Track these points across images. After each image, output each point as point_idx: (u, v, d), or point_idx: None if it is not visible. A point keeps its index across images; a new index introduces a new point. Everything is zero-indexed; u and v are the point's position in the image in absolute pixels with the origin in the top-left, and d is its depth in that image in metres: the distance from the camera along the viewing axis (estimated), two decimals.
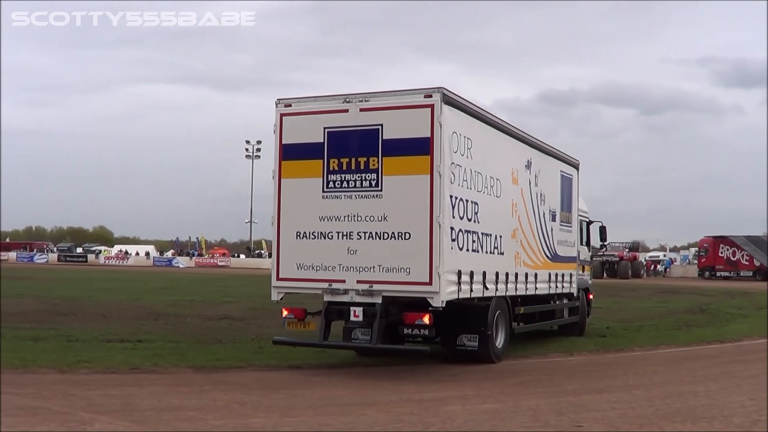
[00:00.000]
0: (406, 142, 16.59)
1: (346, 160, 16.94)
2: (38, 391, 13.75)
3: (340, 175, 16.95)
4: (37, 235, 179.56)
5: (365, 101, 16.98)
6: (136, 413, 12.14)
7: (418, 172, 16.39)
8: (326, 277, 17.05)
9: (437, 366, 17.81)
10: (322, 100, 17.52)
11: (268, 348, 20.12)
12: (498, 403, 13.51)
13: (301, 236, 17.33)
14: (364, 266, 16.74)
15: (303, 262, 17.36)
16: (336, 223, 16.98)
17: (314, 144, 17.17)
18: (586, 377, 16.73)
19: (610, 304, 39.90)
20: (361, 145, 16.86)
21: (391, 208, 16.56)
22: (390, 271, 16.53)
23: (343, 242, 16.91)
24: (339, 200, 16.96)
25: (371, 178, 16.71)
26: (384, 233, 16.61)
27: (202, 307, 33.82)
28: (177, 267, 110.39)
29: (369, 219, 16.73)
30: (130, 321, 27.17)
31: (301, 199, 17.38)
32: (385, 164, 16.63)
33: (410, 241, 16.39)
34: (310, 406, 13.11)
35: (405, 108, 16.73)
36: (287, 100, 17.73)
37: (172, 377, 15.72)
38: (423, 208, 16.30)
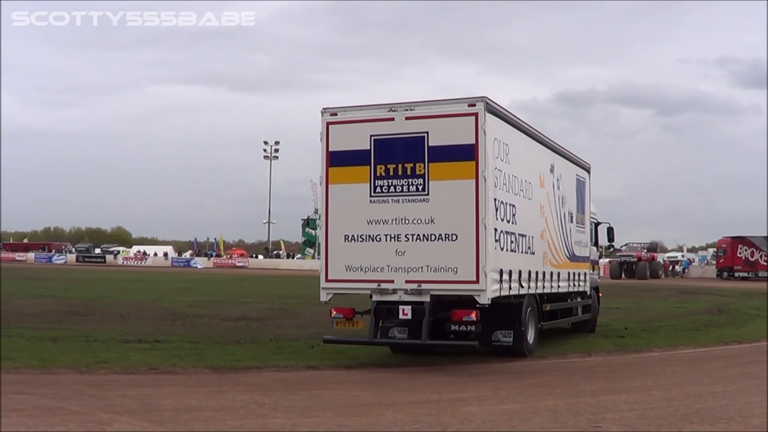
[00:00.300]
0: (451, 148, 17.44)
1: (393, 166, 17.79)
2: (57, 391, 13.80)
3: (387, 180, 17.80)
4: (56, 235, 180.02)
5: (410, 110, 17.82)
6: (155, 414, 12.17)
7: (464, 176, 17.28)
8: (375, 278, 17.84)
9: (455, 367, 17.83)
10: (367, 109, 18.35)
11: (286, 348, 20.22)
12: (516, 403, 13.49)
13: (350, 239, 18.13)
14: (412, 267, 17.55)
15: (351, 264, 18.13)
16: (384, 226, 17.80)
17: (361, 151, 18.03)
18: (605, 378, 16.69)
19: (629, 304, 39.84)
20: (408, 152, 17.71)
21: (437, 211, 17.41)
22: (438, 270, 17.35)
23: (391, 244, 17.75)
24: (387, 204, 17.79)
25: (418, 183, 17.56)
26: (431, 235, 17.44)
27: (220, 308, 33.87)
28: (195, 268, 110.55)
29: (416, 222, 17.57)
30: (148, 321, 27.24)
31: (349, 203, 18.19)
32: (432, 170, 17.48)
33: (457, 242, 17.24)
34: (328, 407, 13.12)
35: (450, 116, 17.58)
36: (333, 109, 18.57)
37: (191, 378, 15.75)
38: (469, 210, 17.19)
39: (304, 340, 21.97)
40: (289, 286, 54.87)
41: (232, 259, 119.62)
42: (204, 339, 21.92)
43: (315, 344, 21.04)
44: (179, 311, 31.48)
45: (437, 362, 18.28)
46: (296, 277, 75.80)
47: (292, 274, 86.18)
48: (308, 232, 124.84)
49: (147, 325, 25.93)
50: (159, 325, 26.08)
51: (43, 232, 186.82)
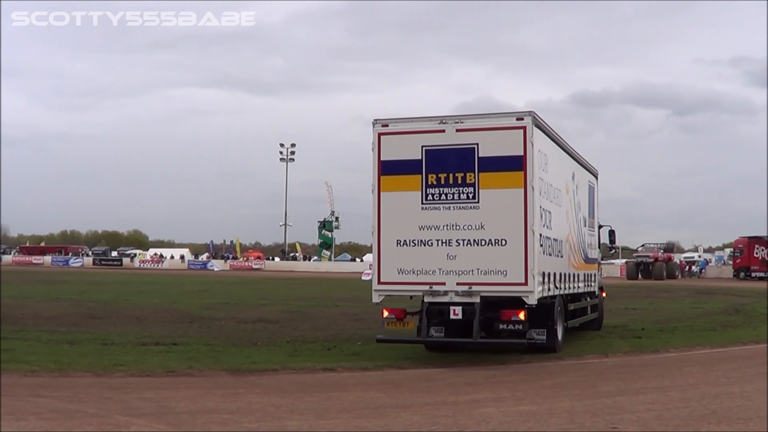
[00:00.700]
0: (501, 159, 18.64)
1: (444, 175, 18.88)
2: (74, 394, 13.85)
3: (438, 188, 18.89)
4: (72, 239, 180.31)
5: (461, 122, 19.01)
6: (172, 416, 12.19)
7: (513, 185, 18.50)
8: (427, 280, 18.88)
9: (471, 369, 17.83)
10: (418, 121, 19.52)
11: (302, 351, 20.24)
12: (533, 404, 13.47)
13: (402, 244, 19.16)
14: (463, 270, 18.66)
15: (403, 267, 19.14)
16: (435, 231, 18.87)
17: (412, 161, 19.10)
18: (622, 379, 16.65)
19: (645, 305, 39.77)
20: (459, 162, 18.82)
21: (487, 218, 18.58)
22: (488, 273, 18.54)
23: (442, 249, 18.79)
24: (438, 211, 18.87)
25: (468, 192, 18.72)
26: (481, 240, 18.63)
27: (236, 310, 33.95)
28: (212, 270, 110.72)
29: (467, 228, 18.69)
30: (165, 324, 27.30)
31: (401, 210, 19.21)
32: (482, 179, 18.66)
33: (506, 247, 18.46)
34: (344, 409, 13.13)
35: (499, 129, 18.84)
36: (384, 120, 19.63)
37: (208, 380, 15.77)
38: (518, 217, 18.42)
39: (320, 342, 21.98)
40: (305, 289, 54.96)
41: (249, 261, 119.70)
42: (221, 341, 21.96)
43: (331, 346, 21.09)
44: (196, 314, 31.55)
45: (453, 363, 18.28)
46: (313, 279, 75.90)
47: (309, 277, 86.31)
48: (324, 234, 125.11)
49: (164, 327, 26.00)
50: (176, 327, 26.15)
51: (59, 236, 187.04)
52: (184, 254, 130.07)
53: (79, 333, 23.34)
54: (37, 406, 12.72)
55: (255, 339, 22.71)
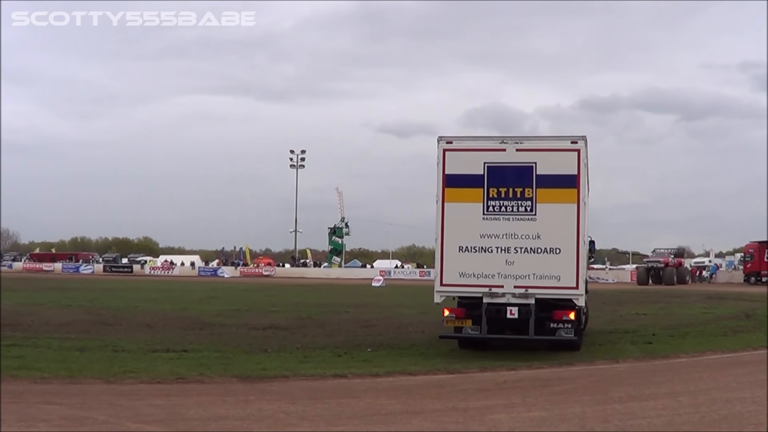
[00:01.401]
0: (556, 177, 20.88)
1: (504, 189, 20.97)
2: (84, 401, 13.85)
3: (498, 201, 20.97)
4: (83, 246, 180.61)
5: (520, 143, 21.23)
6: (182, 423, 12.21)
7: (567, 201, 20.81)
8: (486, 283, 20.86)
9: (482, 375, 17.82)
10: (480, 140, 22.08)
11: (313, 357, 20.26)
12: (543, 410, 13.46)
13: (463, 250, 21.08)
14: (520, 274, 20.75)
15: (465, 271, 21.04)
16: (495, 239, 20.92)
17: (475, 175, 21.05)
18: (632, 384, 16.61)
19: (656, 310, 39.70)
20: (518, 178, 20.96)
21: (543, 229, 20.78)
22: (542, 278, 20.71)
23: (501, 255, 20.89)
24: (498, 221, 20.95)
25: (526, 205, 20.85)
26: (537, 248, 20.79)
27: (247, 317, 33.97)
28: (222, 277, 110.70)
29: (524, 237, 20.82)
30: (175, 331, 27.31)
31: (463, 219, 21.12)
32: (539, 194, 20.83)
33: (560, 255, 20.70)
34: (355, 415, 13.14)
35: (555, 150, 21.20)
36: (448, 137, 21.55)
37: (218, 387, 15.78)
38: (571, 229, 20.77)
39: (331, 349, 21.99)
40: (315, 295, 54.97)
41: (259, 268, 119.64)
42: (231, 348, 21.98)
43: (342, 353, 21.09)
44: (206, 320, 31.57)
45: (463, 370, 18.27)
46: (323, 286, 75.93)
47: (319, 283, 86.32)
48: (335, 240, 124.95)
49: (174, 334, 26.01)
50: (186, 334, 26.16)
51: (70, 243, 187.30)
52: (194, 261, 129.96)
53: (89, 340, 23.37)
54: (48, 412, 12.75)
55: (265, 345, 22.73)
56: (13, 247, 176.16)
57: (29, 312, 34.24)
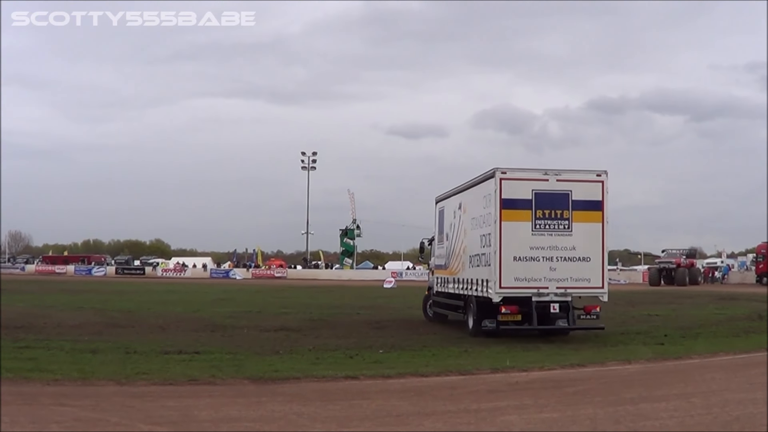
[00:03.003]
0: (587, 202, 26.06)
1: (548, 211, 25.85)
2: (97, 403, 13.86)
3: (543, 220, 25.81)
4: (95, 248, 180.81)
5: (559, 175, 26.17)
6: (194, 425, 12.22)
7: (595, 221, 26.09)
8: (534, 285, 25.77)
9: (494, 376, 17.80)
10: (528, 171, 26.46)
11: (325, 359, 20.24)
12: (555, 412, 13.45)
13: (517, 259, 25.72)
14: (560, 278, 25.85)
15: (518, 276, 25.74)
16: (541, 251, 25.80)
17: (525, 200, 25.79)
18: (644, 385, 16.58)
19: (668, 311, 39.68)
20: (558, 202, 25.92)
21: (577, 243, 25.92)
22: (577, 280, 25.95)
23: (546, 263, 25.81)
24: (543, 236, 25.79)
25: (565, 224, 25.89)
26: (573, 257, 25.91)
27: (259, 319, 33.98)
28: (234, 279, 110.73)
29: (563, 248, 25.87)
30: (187, 333, 27.32)
31: (516, 234, 25.72)
32: (574, 215, 25.92)
33: (590, 263, 25.97)
34: (367, 417, 13.14)
35: (585, 181, 26.26)
36: (503, 168, 26.01)
37: (230, 388, 15.77)
38: (598, 242, 26.08)
39: (342, 350, 21.98)
40: (327, 297, 54.97)
41: (271, 269, 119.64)
42: (243, 350, 21.97)
43: (354, 354, 21.07)
44: (218, 322, 31.58)
45: (475, 371, 18.25)
46: (335, 287, 75.93)
47: (331, 285, 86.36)
48: (346, 242, 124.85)
49: (186, 336, 26.02)
50: (198, 336, 26.18)
51: (82, 245, 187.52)
52: (206, 263, 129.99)
53: (101, 342, 23.37)
54: (60, 414, 12.77)
55: (277, 347, 22.73)
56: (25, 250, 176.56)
57: (42, 314, 34.30)
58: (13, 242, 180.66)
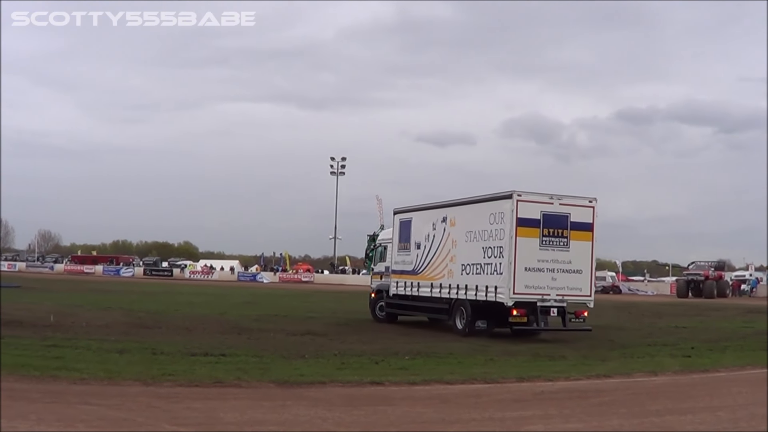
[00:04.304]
0: (581, 224, 29.91)
1: (552, 229, 29.44)
2: (122, 402, 13.91)
3: (548, 237, 29.38)
4: (124, 249, 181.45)
5: (561, 199, 29.79)
6: (219, 426, 12.25)
7: (586, 239, 29.97)
8: (539, 292, 29.26)
9: (519, 385, 17.76)
10: (537, 195, 29.76)
11: (350, 363, 20.23)
12: (580, 422, 13.42)
13: (527, 269, 29.12)
14: (559, 287, 29.48)
15: (527, 284, 29.12)
16: (546, 263, 29.34)
17: (535, 219, 29.24)
18: (670, 398, 16.54)
19: (695, 323, 39.56)
20: (560, 223, 29.56)
21: (573, 257, 29.66)
22: (571, 289, 29.74)
23: (549, 273, 29.37)
24: (547, 251, 29.37)
25: (564, 241, 29.56)
26: (569, 269, 29.67)
27: (285, 322, 34.05)
28: (261, 282, 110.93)
29: (562, 262, 29.53)
30: (214, 335, 27.42)
31: (528, 248, 29.13)
32: (571, 234, 29.64)
33: (582, 275, 29.93)
34: (391, 423, 13.14)
35: (580, 206, 30.09)
36: (519, 191, 29.38)
37: (255, 391, 15.80)
38: (588, 257, 30.07)
39: (368, 356, 21.97)
40: (354, 302, 54.91)
41: (298, 274, 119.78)
42: (269, 353, 22.00)
43: (379, 360, 21.06)
44: (245, 325, 31.66)
45: (501, 380, 18.22)
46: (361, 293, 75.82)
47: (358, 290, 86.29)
48: None
49: (212, 338, 26.10)
50: (224, 338, 26.25)
51: (111, 246, 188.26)
52: (233, 266, 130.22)
53: (128, 342, 23.45)
54: (86, 413, 12.82)
55: (303, 351, 22.73)
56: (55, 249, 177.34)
57: (70, 313, 34.45)
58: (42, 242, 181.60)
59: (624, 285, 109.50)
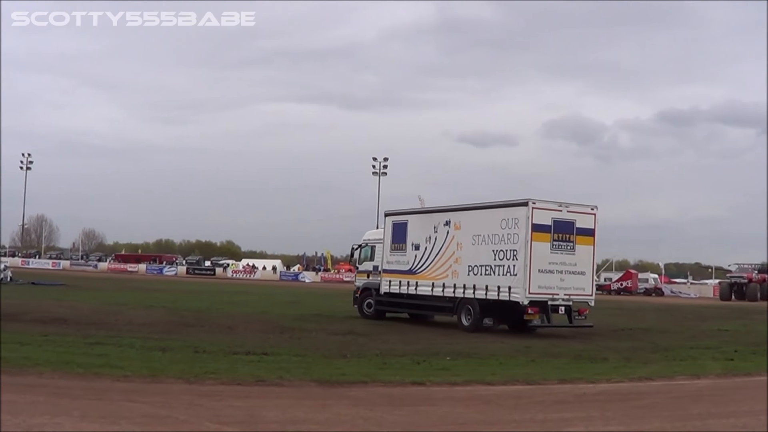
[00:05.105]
0: (585, 229, 32.47)
1: (561, 234, 31.83)
2: (165, 400, 13.99)
3: (558, 242, 31.75)
4: (167, 248, 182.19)
5: (568, 207, 32.26)
6: (261, 425, 12.31)
7: (589, 244, 32.59)
8: (550, 292, 31.77)
9: (560, 387, 17.70)
10: (549, 203, 32.15)
11: (392, 363, 20.23)
12: (622, 425, 13.38)
13: (540, 271, 31.44)
14: (566, 287, 31.98)
15: (540, 284, 31.47)
16: (556, 265, 31.74)
17: (546, 225, 31.55)
18: (713, 401, 16.44)
19: (738, 326, 39.29)
20: (567, 228, 32.00)
21: (578, 260, 32.21)
22: (576, 289, 32.34)
23: (558, 275, 31.81)
24: (557, 254, 31.77)
25: (571, 245, 32.03)
26: (575, 271, 32.22)
27: (327, 322, 34.20)
28: (303, 282, 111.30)
29: (569, 264, 32.02)
30: (256, 334, 27.51)
31: (541, 252, 31.42)
32: (577, 239, 32.13)
33: (585, 275, 32.67)
34: (432, 423, 13.15)
35: (584, 213, 32.65)
36: (534, 199, 31.72)
37: (297, 390, 15.82)
38: (590, 259, 32.90)
39: (410, 356, 21.97)
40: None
41: (340, 273, 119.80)
42: (311, 352, 22.06)
43: (421, 360, 21.03)
44: (287, 324, 31.76)
45: (542, 381, 18.18)
46: None
47: None
48: None
49: (255, 337, 26.20)
50: (266, 337, 26.35)
51: (154, 245, 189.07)
52: (276, 265, 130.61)
53: (171, 340, 23.59)
54: (129, 410, 12.92)
55: (345, 351, 22.78)
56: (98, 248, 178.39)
57: (113, 311, 34.71)
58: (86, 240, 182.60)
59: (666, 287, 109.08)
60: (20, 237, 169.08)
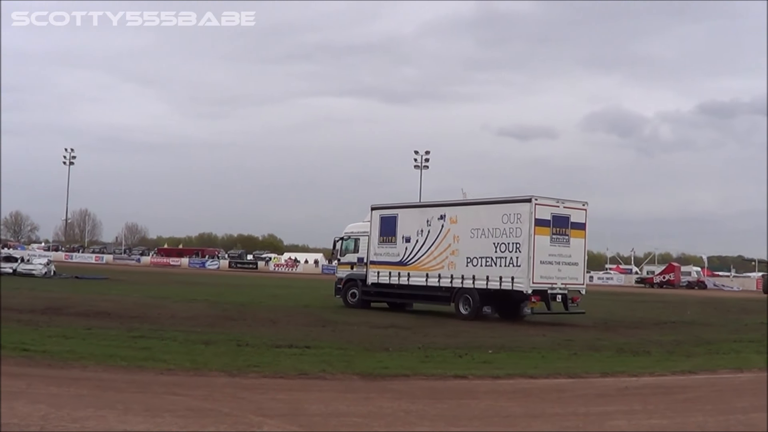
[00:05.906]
0: (578, 223, 35.21)
1: (558, 228, 34.48)
2: (209, 393, 14.06)
3: (556, 235, 34.38)
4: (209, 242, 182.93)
5: (564, 203, 35.00)
6: (304, 418, 12.33)
7: (581, 237, 35.42)
8: (549, 282, 34.31)
9: (603, 380, 17.66)
10: (549, 200, 34.71)
11: (434, 357, 20.25)
12: (664, 419, 13.32)
13: (542, 262, 33.96)
14: (562, 277, 34.69)
15: (542, 275, 34.00)
16: (554, 257, 34.34)
17: (546, 219, 34.19)
18: (756, 395, 16.30)
19: None
20: (563, 223, 34.65)
21: (572, 252, 34.92)
22: (571, 279, 35.17)
23: (556, 266, 34.39)
24: (555, 247, 34.39)
25: (566, 238, 34.70)
26: (570, 262, 34.90)
27: (369, 315, 34.23)
28: None
29: (565, 256, 34.67)
30: (298, 327, 27.62)
31: (542, 244, 33.99)
32: (571, 232, 34.81)
33: (577, 266, 35.39)
34: (475, 417, 13.14)
35: (577, 209, 35.47)
36: (536, 196, 34.24)
37: (340, 383, 15.87)
38: (582, 251, 35.71)
39: (452, 349, 21.98)
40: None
41: None
42: (353, 346, 22.12)
43: (463, 353, 21.03)
44: (329, 318, 31.88)
45: (584, 375, 18.14)
46: None
47: None
48: None
49: (297, 330, 26.30)
50: (309, 330, 26.42)
51: (197, 239, 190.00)
52: (317, 259, 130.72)
53: (214, 333, 23.71)
54: (173, 403, 12.99)
55: (387, 344, 22.82)
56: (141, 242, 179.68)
57: (156, 305, 34.97)
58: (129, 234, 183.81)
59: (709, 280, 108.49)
60: (64, 232, 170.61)
